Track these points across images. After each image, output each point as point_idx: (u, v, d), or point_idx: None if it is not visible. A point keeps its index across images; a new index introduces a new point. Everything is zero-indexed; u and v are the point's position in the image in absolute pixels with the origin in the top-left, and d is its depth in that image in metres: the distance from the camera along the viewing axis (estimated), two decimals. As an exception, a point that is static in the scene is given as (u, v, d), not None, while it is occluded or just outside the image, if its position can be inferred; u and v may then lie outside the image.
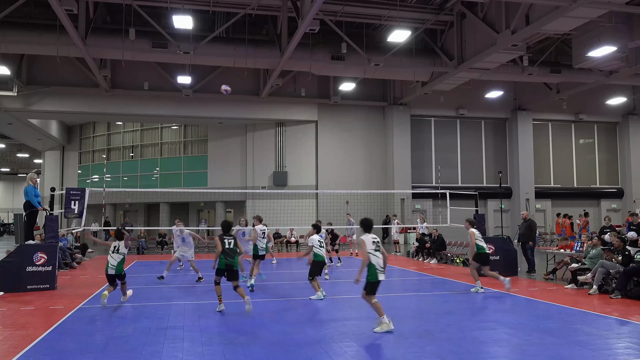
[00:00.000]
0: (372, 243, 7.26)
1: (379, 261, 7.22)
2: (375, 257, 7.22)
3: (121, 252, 9.24)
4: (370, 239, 7.28)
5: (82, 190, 13.18)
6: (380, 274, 7.21)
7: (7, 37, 18.73)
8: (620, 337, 7.10)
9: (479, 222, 14.75)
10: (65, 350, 6.36)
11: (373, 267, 7.18)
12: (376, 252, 7.24)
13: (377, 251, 7.26)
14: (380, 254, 7.26)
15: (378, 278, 7.19)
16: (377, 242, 7.29)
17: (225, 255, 8.45)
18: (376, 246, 7.27)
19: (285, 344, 6.65)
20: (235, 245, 8.60)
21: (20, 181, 53.93)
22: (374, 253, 7.22)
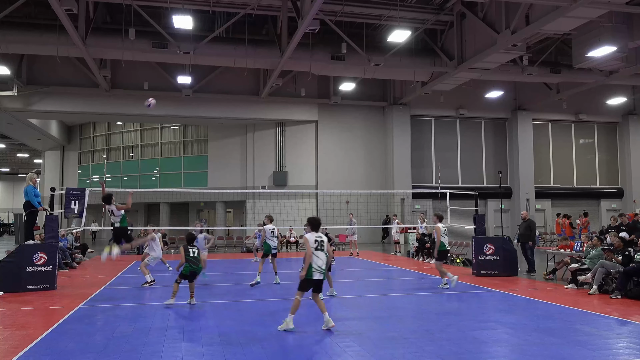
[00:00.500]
0: (315, 242, 7.38)
1: (318, 260, 7.31)
2: (316, 256, 7.31)
3: (117, 214, 10.27)
4: (314, 237, 7.41)
5: (82, 190, 13.17)
6: (316, 272, 7.29)
7: (7, 37, 18.73)
8: (620, 337, 7.10)
9: (479, 222, 14.79)
10: (65, 350, 6.36)
11: (310, 266, 7.30)
12: (317, 251, 7.34)
13: (319, 250, 7.35)
14: (322, 254, 7.36)
15: (313, 276, 7.28)
16: (320, 242, 7.40)
17: (190, 263, 9.26)
18: (318, 245, 7.37)
19: (285, 344, 6.66)
20: (198, 254, 9.49)
21: (20, 181, 53.92)
22: (315, 252, 7.33)
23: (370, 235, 27.41)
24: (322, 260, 7.36)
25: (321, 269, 7.35)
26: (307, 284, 7.33)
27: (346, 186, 26.47)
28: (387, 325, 7.82)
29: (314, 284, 7.35)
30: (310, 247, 7.32)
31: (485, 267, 13.66)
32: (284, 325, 7.27)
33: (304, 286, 7.35)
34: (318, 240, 7.42)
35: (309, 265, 7.28)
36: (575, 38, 20.11)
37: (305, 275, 7.30)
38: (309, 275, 7.29)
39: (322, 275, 7.37)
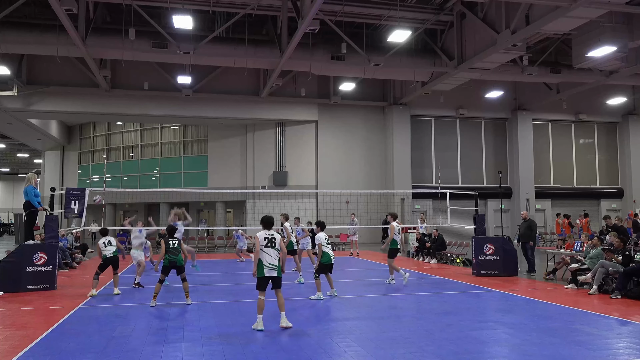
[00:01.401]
0: (265, 239, 7.45)
1: (267, 257, 7.38)
2: (265, 253, 7.40)
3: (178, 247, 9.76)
4: (264, 235, 7.48)
5: (82, 190, 13.18)
6: (267, 270, 7.37)
7: (7, 37, 18.72)
8: (620, 337, 7.10)
9: (479, 222, 14.79)
10: (65, 351, 6.36)
11: (260, 263, 7.39)
12: (267, 248, 7.42)
13: (269, 247, 7.43)
14: (272, 251, 7.44)
15: (264, 274, 7.37)
16: (270, 239, 7.46)
17: (170, 254, 9.45)
18: (268, 242, 7.44)
19: (285, 344, 6.66)
20: (179, 245, 9.66)
21: (20, 181, 53.94)
22: (264, 249, 7.40)
23: (370, 235, 27.40)
24: (273, 257, 7.41)
25: (272, 265, 7.40)
26: (260, 282, 7.42)
27: (346, 186, 26.48)
28: (387, 325, 7.82)
29: (268, 280, 7.42)
30: (260, 245, 7.40)
31: (485, 267, 13.66)
32: (256, 325, 7.38)
33: (259, 285, 7.43)
34: (269, 237, 7.47)
35: (260, 263, 7.38)
36: (575, 38, 20.12)
37: (257, 274, 7.42)
38: (260, 273, 7.39)
39: (274, 272, 7.40)
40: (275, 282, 7.47)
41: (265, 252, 7.39)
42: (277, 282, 7.47)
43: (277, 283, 7.48)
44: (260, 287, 7.41)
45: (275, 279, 7.44)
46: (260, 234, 7.50)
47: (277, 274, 7.44)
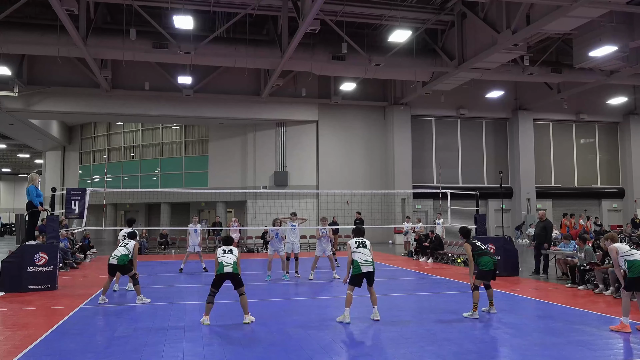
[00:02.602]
0: (355, 242, 8.11)
1: (360, 255, 7.95)
2: (358, 252, 7.99)
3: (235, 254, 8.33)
4: (354, 240, 8.17)
5: (83, 190, 13.19)
6: (363, 265, 7.89)
7: (7, 38, 18.73)
8: (621, 337, 7.09)
9: (480, 222, 14.78)
10: (66, 351, 6.37)
11: (356, 263, 7.94)
12: (359, 248, 8.03)
13: (361, 247, 8.04)
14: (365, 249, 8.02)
15: (362, 270, 7.87)
16: (361, 242, 8.09)
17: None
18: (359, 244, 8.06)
19: (286, 344, 6.66)
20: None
21: (21, 181, 53.99)
22: (356, 250, 8.02)
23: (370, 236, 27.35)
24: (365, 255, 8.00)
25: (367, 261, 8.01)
26: (358, 279, 7.91)
27: (347, 186, 26.47)
28: (388, 325, 7.82)
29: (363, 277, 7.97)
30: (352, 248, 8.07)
31: (486, 267, 13.61)
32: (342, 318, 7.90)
33: (355, 281, 7.91)
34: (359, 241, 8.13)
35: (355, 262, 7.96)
36: (576, 38, 20.11)
37: (353, 271, 7.93)
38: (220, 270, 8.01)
39: (370, 267, 7.99)
40: (370, 278, 7.95)
41: (357, 252, 7.95)
42: (371, 277, 7.96)
43: (371, 278, 7.97)
44: (355, 283, 7.85)
45: (370, 274, 7.92)
46: (351, 241, 8.15)
47: (372, 268, 7.95)
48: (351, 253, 8.00)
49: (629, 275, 7.47)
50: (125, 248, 9.88)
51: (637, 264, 7.35)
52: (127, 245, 9.96)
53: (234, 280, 8.01)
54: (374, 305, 8.10)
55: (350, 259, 8.01)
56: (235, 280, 8.02)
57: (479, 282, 8.39)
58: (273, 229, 13.60)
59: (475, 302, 8.31)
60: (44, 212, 12.44)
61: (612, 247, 7.76)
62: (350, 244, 8.19)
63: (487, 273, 8.39)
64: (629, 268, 7.45)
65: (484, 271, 8.39)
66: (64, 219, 17.08)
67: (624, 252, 7.59)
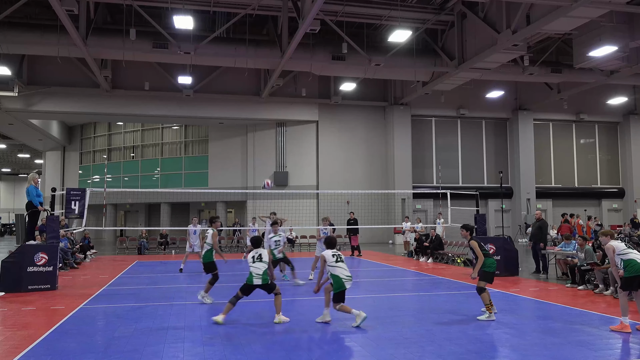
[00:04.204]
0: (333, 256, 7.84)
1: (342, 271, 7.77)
2: (339, 268, 7.77)
3: (264, 261, 7.92)
4: (331, 253, 7.88)
5: (83, 190, 13.20)
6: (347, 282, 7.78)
7: (8, 38, 18.75)
8: (621, 336, 7.09)
9: (480, 222, 14.76)
10: (66, 351, 6.36)
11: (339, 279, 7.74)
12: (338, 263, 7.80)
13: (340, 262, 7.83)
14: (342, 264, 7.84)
15: (345, 287, 7.78)
16: (338, 255, 7.85)
17: None
18: (337, 258, 7.83)
19: (286, 344, 6.66)
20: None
21: (21, 181, 53.99)
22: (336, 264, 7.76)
23: (371, 235, 27.41)
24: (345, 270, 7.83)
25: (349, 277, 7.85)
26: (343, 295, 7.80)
27: (347, 186, 26.48)
28: (388, 325, 7.82)
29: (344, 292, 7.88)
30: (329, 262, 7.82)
31: (486, 267, 13.61)
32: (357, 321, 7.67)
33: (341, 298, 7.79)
34: (336, 254, 7.88)
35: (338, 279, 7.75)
36: (576, 38, 20.11)
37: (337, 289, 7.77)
38: (342, 287, 7.74)
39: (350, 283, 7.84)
40: None
41: (338, 267, 7.74)
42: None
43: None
44: (340, 299, 7.72)
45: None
46: (327, 253, 7.85)
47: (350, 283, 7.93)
48: (330, 267, 7.72)
49: (624, 275, 7.43)
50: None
51: (632, 263, 7.31)
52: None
53: (265, 288, 7.91)
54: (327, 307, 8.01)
55: (322, 270, 7.85)
56: (265, 288, 7.91)
57: (483, 284, 8.23)
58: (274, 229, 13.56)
59: (486, 303, 8.14)
60: (44, 212, 12.44)
61: (609, 246, 7.63)
62: (327, 257, 7.78)
63: (491, 274, 8.30)
64: (624, 267, 7.39)
65: (489, 272, 8.26)
66: (63, 219, 17.09)
67: (620, 251, 7.51)
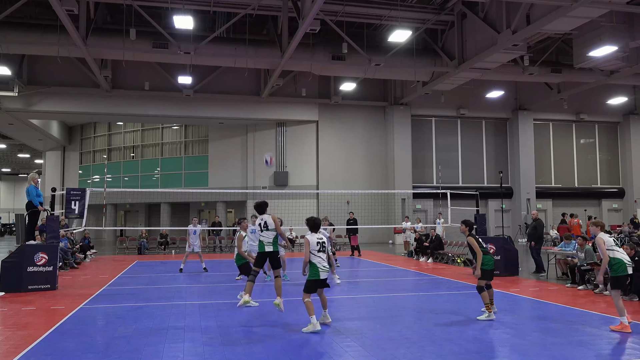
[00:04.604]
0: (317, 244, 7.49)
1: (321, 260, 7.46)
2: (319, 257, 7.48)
3: (271, 228, 8.19)
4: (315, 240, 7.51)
5: (83, 190, 13.21)
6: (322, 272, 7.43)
7: (8, 38, 18.74)
8: (621, 337, 7.08)
9: (480, 222, 14.76)
10: (66, 351, 6.37)
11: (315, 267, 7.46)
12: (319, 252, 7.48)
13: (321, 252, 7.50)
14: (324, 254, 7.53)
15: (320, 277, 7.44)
16: (321, 243, 7.51)
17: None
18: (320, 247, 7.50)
19: (286, 344, 6.66)
20: None
21: (21, 181, 53.99)
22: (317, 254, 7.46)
23: (371, 235, 27.41)
24: (324, 260, 7.53)
25: (326, 267, 7.51)
26: (316, 284, 7.47)
27: (347, 186, 26.48)
28: (388, 325, 7.82)
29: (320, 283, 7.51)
30: (312, 249, 7.46)
31: (486, 267, 13.61)
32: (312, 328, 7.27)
33: (312, 287, 7.49)
34: (319, 242, 7.52)
35: (314, 266, 7.43)
36: (576, 38, 20.11)
37: (311, 276, 7.46)
38: (316, 276, 7.42)
39: (327, 274, 7.54)
40: (325, 283, 7.57)
41: (318, 257, 7.46)
42: (325, 282, 7.56)
43: (326, 284, 7.58)
44: (310, 290, 7.45)
45: (325, 280, 7.53)
46: (311, 238, 7.53)
47: (327, 274, 7.59)
48: (310, 253, 7.42)
49: (611, 274, 7.48)
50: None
51: (620, 262, 7.37)
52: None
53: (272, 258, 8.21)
54: (325, 309, 7.76)
55: (308, 258, 7.44)
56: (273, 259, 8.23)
57: (483, 282, 8.23)
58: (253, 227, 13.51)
59: (486, 302, 8.15)
60: (44, 212, 12.45)
61: (600, 239, 7.62)
62: (311, 242, 7.47)
63: (490, 272, 8.27)
64: (611, 265, 7.45)
65: (488, 270, 8.24)
66: (63, 219, 17.08)
67: (609, 246, 7.56)
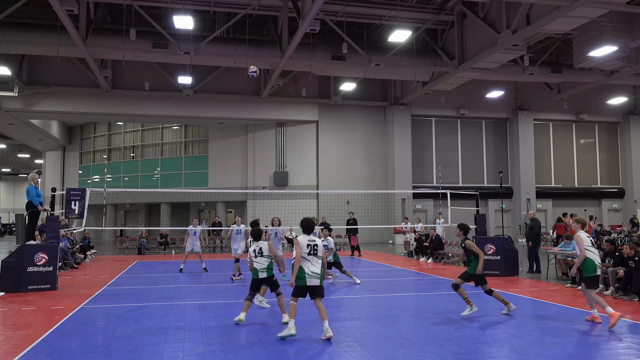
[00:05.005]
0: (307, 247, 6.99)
1: (310, 265, 6.91)
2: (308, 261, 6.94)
3: (266, 255, 7.82)
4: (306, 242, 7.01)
5: (83, 190, 13.19)
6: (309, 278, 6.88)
7: (8, 38, 18.74)
8: (621, 337, 7.09)
9: (480, 222, 14.77)
10: (66, 351, 6.36)
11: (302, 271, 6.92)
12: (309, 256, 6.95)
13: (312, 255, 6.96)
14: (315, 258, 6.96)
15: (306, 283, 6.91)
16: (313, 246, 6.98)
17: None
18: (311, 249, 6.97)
19: (286, 344, 6.65)
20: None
21: (21, 181, 53.97)
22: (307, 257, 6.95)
23: (371, 235, 27.41)
24: (315, 266, 6.96)
25: (315, 273, 6.93)
26: (301, 290, 6.93)
27: (347, 186, 26.47)
28: (388, 325, 7.82)
29: (307, 290, 6.94)
30: (302, 252, 6.94)
31: (486, 267, 13.51)
32: (287, 332, 6.88)
33: (297, 293, 6.96)
34: (311, 244, 6.99)
35: (301, 271, 6.91)
36: (576, 38, 20.11)
37: (297, 282, 6.94)
38: (302, 282, 6.90)
39: (317, 281, 6.91)
40: (318, 292, 6.91)
41: (308, 260, 6.92)
42: (319, 291, 6.92)
43: (319, 292, 6.92)
44: (297, 294, 6.93)
45: (317, 288, 6.90)
46: (302, 239, 7.01)
47: (319, 282, 6.94)
48: (300, 257, 6.91)
49: (584, 274, 7.71)
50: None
51: (590, 263, 7.63)
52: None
53: (269, 283, 7.82)
54: (324, 320, 6.85)
55: (299, 259, 6.89)
56: (270, 283, 7.83)
57: (461, 282, 8.53)
58: (272, 229, 13.53)
59: (465, 297, 8.41)
60: (44, 212, 12.45)
61: (579, 236, 7.82)
62: (301, 244, 6.96)
63: (473, 276, 8.47)
64: (583, 264, 7.68)
65: (472, 275, 8.49)
66: (63, 219, 17.08)
67: (586, 245, 7.75)
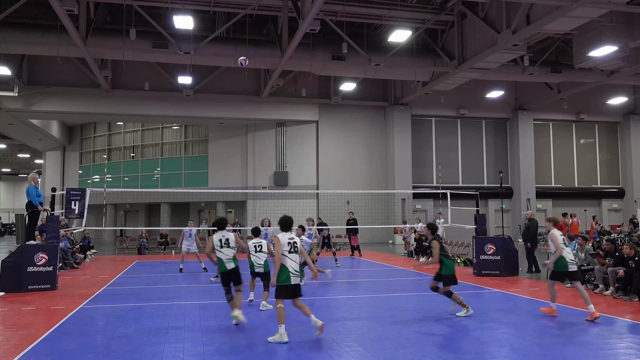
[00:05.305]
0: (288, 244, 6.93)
1: (291, 263, 6.81)
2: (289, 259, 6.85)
3: (232, 245, 7.94)
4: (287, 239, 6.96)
5: (83, 190, 13.20)
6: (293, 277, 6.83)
7: (8, 38, 18.73)
8: (621, 337, 7.09)
9: (480, 222, 14.76)
10: (66, 351, 6.37)
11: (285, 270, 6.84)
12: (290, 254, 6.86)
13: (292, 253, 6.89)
14: (295, 256, 6.90)
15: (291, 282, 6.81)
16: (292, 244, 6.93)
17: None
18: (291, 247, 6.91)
19: (287, 344, 6.65)
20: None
21: (21, 181, 53.97)
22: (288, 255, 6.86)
23: (371, 235, 27.40)
24: (296, 263, 6.88)
25: (297, 272, 6.86)
26: (285, 290, 6.80)
27: (347, 186, 26.46)
28: (388, 325, 7.82)
29: (291, 288, 6.84)
30: (283, 250, 6.83)
31: (486, 267, 13.65)
32: (278, 337, 6.72)
33: (282, 293, 6.81)
34: (291, 242, 6.92)
35: (283, 269, 6.80)
36: (576, 38, 20.11)
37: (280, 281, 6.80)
38: (286, 281, 6.78)
39: (298, 279, 6.87)
40: (298, 290, 6.87)
41: (289, 258, 6.81)
42: (299, 289, 6.89)
43: (299, 291, 6.90)
44: (282, 295, 6.76)
45: (298, 286, 6.86)
46: (282, 237, 6.90)
47: (300, 281, 6.90)
48: (282, 255, 6.80)
49: (554, 269, 8.28)
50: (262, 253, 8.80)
51: (562, 259, 8.16)
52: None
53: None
54: (310, 316, 6.85)
55: (280, 260, 6.78)
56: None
57: (448, 288, 8.46)
58: (263, 229, 13.44)
59: (460, 301, 8.41)
60: (44, 212, 12.45)
61: (553, 234, 8.32)
62: (282, 242, 6.85)
63: (452, 277, 8.49)
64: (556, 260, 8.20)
65: (450, 276, 8.49)
66: (63, 219, 17.08)
67: (559, 243, 8.25)
